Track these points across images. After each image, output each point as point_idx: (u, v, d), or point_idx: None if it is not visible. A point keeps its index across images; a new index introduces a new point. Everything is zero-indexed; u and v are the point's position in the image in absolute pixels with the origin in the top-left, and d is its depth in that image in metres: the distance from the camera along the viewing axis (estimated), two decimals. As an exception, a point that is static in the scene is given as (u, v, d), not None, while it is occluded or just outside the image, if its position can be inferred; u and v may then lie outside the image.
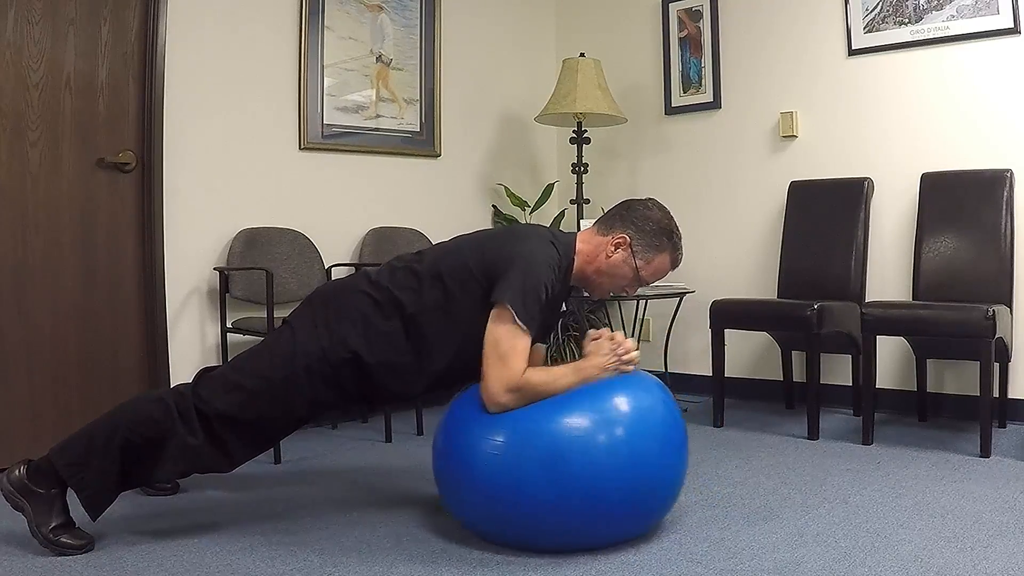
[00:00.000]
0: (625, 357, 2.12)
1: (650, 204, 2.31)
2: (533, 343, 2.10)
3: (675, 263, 2.33)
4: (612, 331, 2.18)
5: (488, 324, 2.04)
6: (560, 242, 2.21)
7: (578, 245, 2.27)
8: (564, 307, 2.42)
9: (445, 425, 2.16)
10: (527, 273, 2.05)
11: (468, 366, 2.12)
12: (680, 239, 2.31)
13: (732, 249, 4.15)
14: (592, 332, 2.22)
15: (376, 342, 2.15)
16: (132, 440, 2.07)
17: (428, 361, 2.19)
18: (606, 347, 2.13)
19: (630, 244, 2.24)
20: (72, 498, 2.07)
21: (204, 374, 2.22)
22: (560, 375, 2.05)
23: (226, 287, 3.31)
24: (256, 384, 2.13)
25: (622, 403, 2.02)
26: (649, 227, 2.26)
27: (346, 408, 2.47)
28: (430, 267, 2.19)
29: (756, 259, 4.08)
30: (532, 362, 2.11)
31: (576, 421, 1.96)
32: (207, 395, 2.13)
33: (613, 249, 2.25)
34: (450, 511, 2.20)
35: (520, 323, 2.00)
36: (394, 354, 2.16)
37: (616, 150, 4.54)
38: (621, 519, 2.03)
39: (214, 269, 3.35)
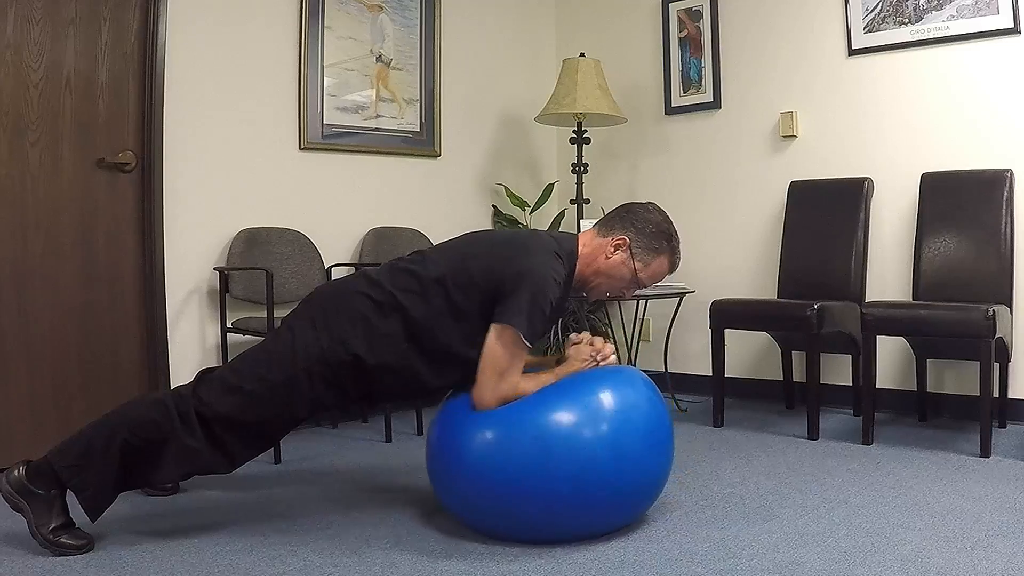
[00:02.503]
0: (604, 363, 2.23)
1: (650, 207, 2.33)
2: None
3: (673, 266, 2.35)
4: (592, 335, 2.26)
5: (489, 337, 2.08)
6: (564, 250, 2.22)
7: (579, 249, 2.28)
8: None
9: (438, 423, 2.21)
10: (534, 293, 2.07)
11: (468, 368, 2.12)
12: (679, 243, 2.33)
13: (732, 249, 4.15)
14: (573, 336, 2.30)
15: (377, 344, 2.15)
16: (132, 442, 2.07)
17: (428, 363, 2.19)
18: (585, 352, 2.24)
19: (629, 246, 2.26)
20: (72, 498, 2.07)
21: (204, 375, 2.22)
22: (545, 382, 2.14)
23: (226, 287, 3.31)
24: (256, 387, 2.13)
25: (607, 399, 2.07)
26: (649, 229, 2.27)
27: (346, 407, 2.47)
28: (432, 271, 2.18)
29: (756, 259, 4.08)
30: None
31: (563, 416, 2.03)
32: (207, 397, 2.13)
33: (612, 250, 2.26)
34: (443, 504, 2.25)
35: (525, 342, 2.06)
36: (395, 356, 2.16)
37: (616, 150, 4.54)
38: (606, 511, 2.09)
39: (214, 269, 3.35)
